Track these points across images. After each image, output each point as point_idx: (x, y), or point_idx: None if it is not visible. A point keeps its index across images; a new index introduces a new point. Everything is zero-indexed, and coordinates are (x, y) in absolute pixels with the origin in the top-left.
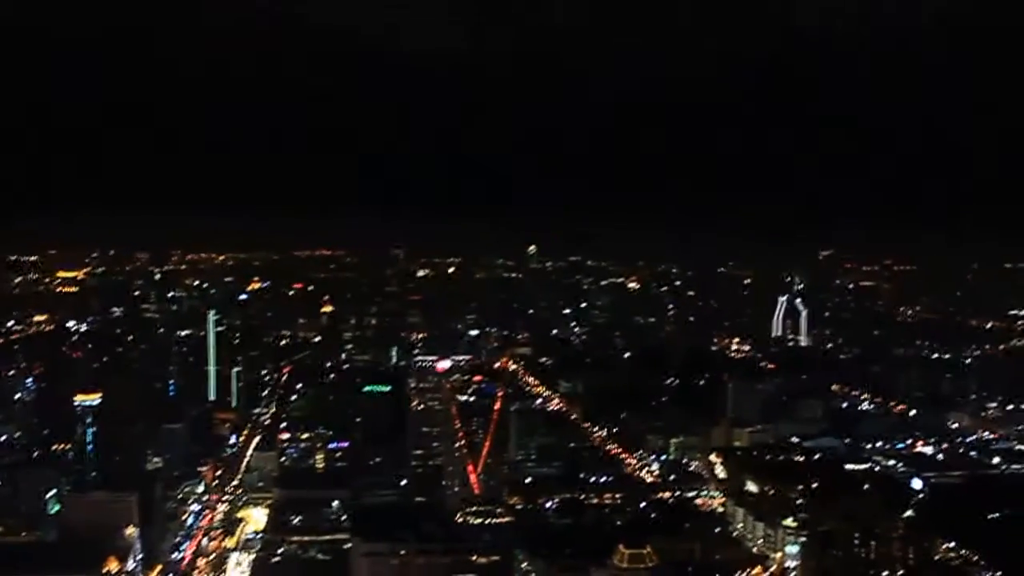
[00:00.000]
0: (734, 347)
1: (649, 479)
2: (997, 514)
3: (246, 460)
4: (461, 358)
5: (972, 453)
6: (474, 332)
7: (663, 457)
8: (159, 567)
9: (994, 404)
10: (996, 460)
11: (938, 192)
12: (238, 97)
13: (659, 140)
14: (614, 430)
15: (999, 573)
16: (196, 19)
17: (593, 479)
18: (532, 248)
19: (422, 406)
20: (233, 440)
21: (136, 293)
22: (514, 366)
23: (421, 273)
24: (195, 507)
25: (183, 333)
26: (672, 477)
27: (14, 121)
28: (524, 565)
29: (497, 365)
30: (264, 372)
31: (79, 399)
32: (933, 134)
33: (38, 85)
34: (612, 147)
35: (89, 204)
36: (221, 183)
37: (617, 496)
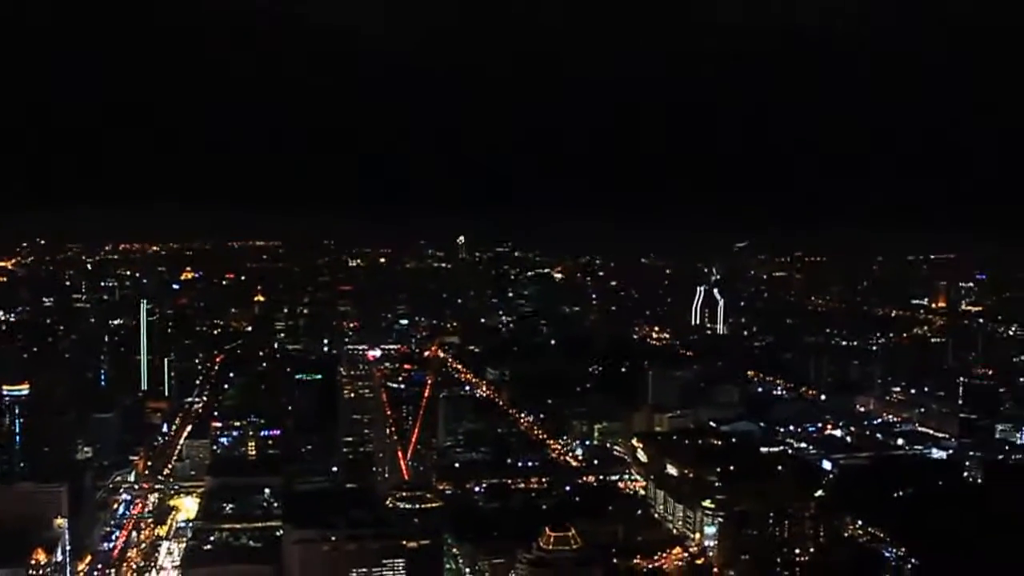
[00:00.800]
0: (655, 335)
1: (574, 463)
2: (901, 493)
3: (178, 449)
4: (392, 347)
5: (878, 435)
6: (404, 321)
7: (587, 442)
8: (89, 557)
9: (898, 389)
10: (900, 442)
11: (845, 189)
12: (177, 90)
13: (585, 135)
14: (540, 416)
15: (903, 548)
16: None
17: (520, 464)
18: (461, 239)
19: (353, 394)
20: (165, 429)
21: (67, 283)
22: (443, 354)
23: (352, 263)
24: (126, 496)
25: (115, 323)
26: (596, 461)
27: None
28: (453, 549)
29: (427, 353)
30: (197, 361)
31: (7, 389)
32: (841, 133)
33: None
34: (536, 143)
35: (20, 196)
36: (153, 175)
37: (543, 480)
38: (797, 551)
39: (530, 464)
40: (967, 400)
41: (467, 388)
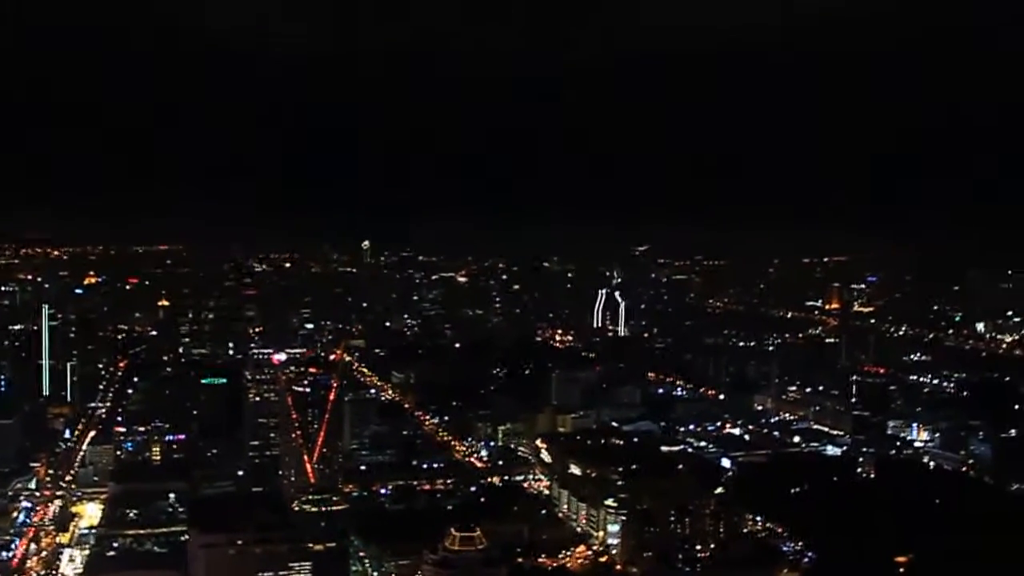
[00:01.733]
0: (557, 338)
1: (479, 465)
2: (797, 488)
3: (81, 455)
4: (297, 351)
5: (775, 433)
6: (309, 325)
7: (491, 443)
8: None
9: (794, 388)
10: (796, 439)
11: (742, 193)
12: (73, 94)
13: (484, 137)
14: (445, 418)
15: (800, 542)
16: None
17: (425, 466)
18: (366, 243)
19: (259, 398)
20: (68, 435)
21: None
22: (348, 358)
23: (257, 268)
24: (26, 504)
25: (16, 327)
26: (500, 462)
27: None
28: (359, 551)
29: (332, 357)
30: (100, 366)
31: None
32: (736, 137)
33: None
34: (440, 145)
35: None
36: (58, 178)
37: (448, 481)
38: (698, 547)
39: (435, 466)
40: (859, 398)
41: (372, 391)
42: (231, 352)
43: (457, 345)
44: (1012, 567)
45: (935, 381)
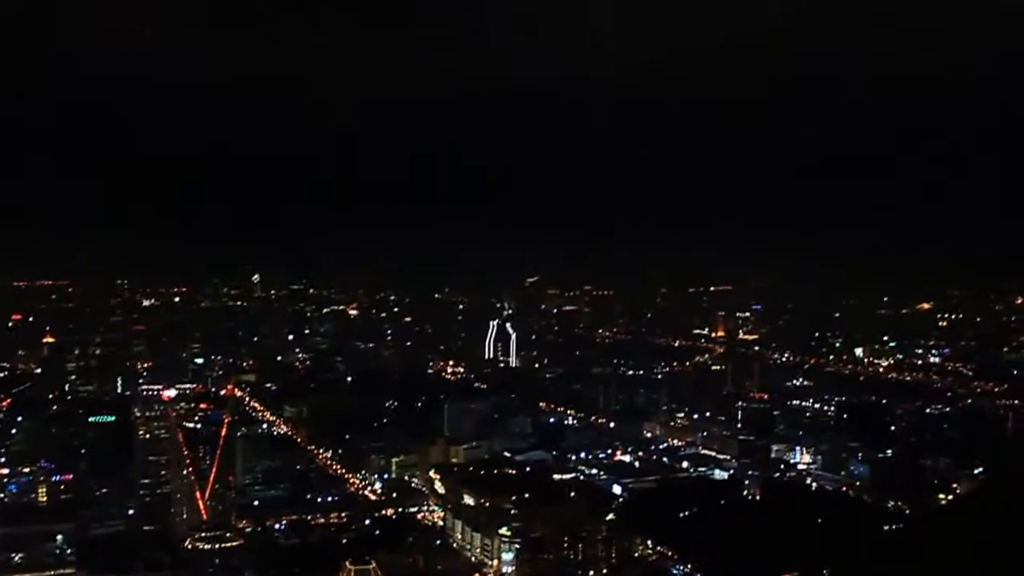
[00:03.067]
0: (449, 369)
1: (372, 497)
2: (686, 512)
3: None
4: (187, 386)
5: (664, 459)
6: (199, 360)
7: (385, 475)
8: None
9: (682, 414)
10: (685, 464)
11: (628, 225)
12: None
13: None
14: (338, 451)
15: (689, 565)
16: None
17: (319, 499)
18: (256, 277)
19: (148, 435)
20: None
21: None
22: (240, 392)
23: (146, 302)
24: None
25: None
26: (394, 494)
27: None
28: None
29: (223, 392)
30: None
31: None
32: (623, 170)
33: None
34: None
35: None
36: None
37: (342, 515)
38: (591, 572)
39: (329, 499)
40: (745, 423)
41: (265, 426)
42: (119, 389)
43: (349, 378)
44: None
45: (816, 405)
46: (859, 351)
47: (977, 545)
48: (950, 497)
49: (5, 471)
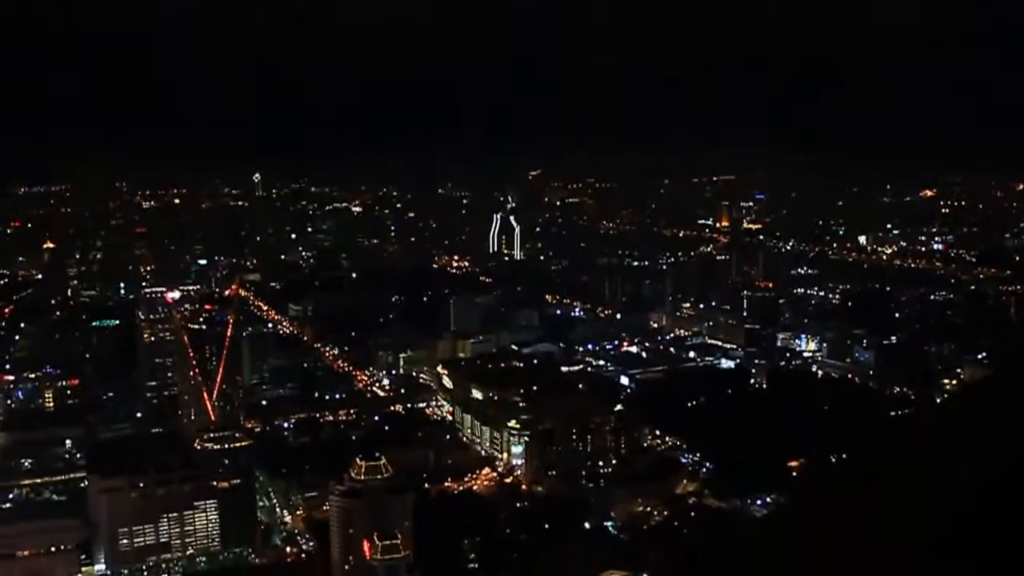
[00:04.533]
0: (454, 264)
1: (381, 394)
2: (694, 402)
3: None
4: (191, 288)
5: (671, 349)
6: (203, 261)
7: (393, 372)
8: None
9: (688, 304)
10: (691, 354)
11: (631, 116)
12: None
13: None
14: (345, 349)
15: (699, 454)
16: None
17: (327, 397)
18: (257, 176)
19: (153, 338)
20: None
21: None
22: (244, 293)
23: (146, 204)
24: None
25: None
26: (402, 390)
27: None
28: (266, 486)
29: (227, 293)
30: None
31: None
32: (627, 63)
33: None
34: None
35: None
36: None
37: (351, 412)
38: (601, 463)
39: (338, 397)
40: (750, 312)
41: (270, 325)
42: (122, 292)
43: (354, 275)
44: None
45: (821, 293)
46: (863, 239)
47: (983, 431)
48: (954, 383)
49: (11, 378)
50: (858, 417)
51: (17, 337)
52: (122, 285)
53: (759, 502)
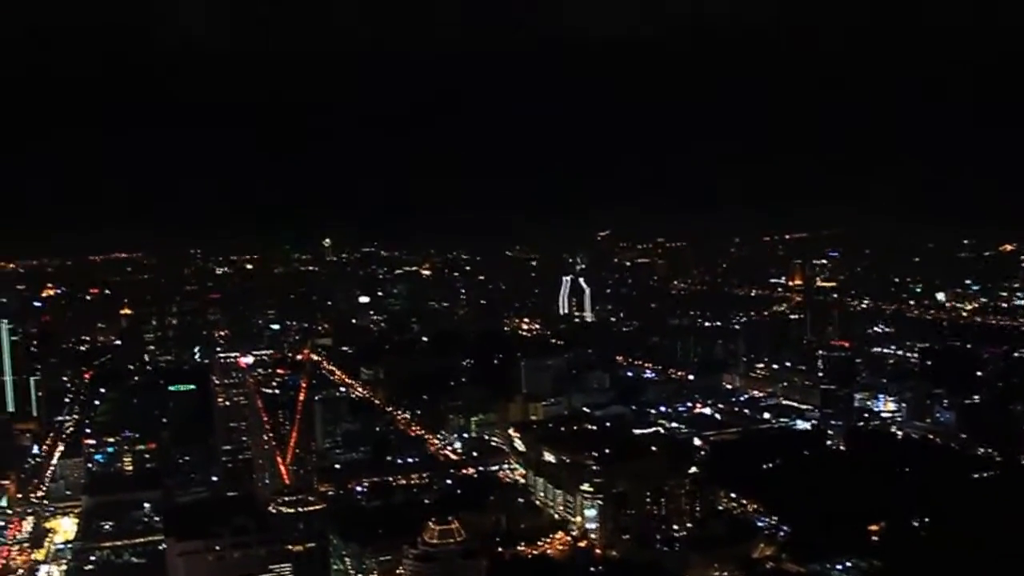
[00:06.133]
0: (524, 326)
1: (453, 457)
2: (770, 464)
3: (51, 469)
4: (264, 352)
5: (745, 411)
6: (275, 326)
7: (465, 435)
8: None
9: (761, 365)
10: (766, 415)
11: (700, 177)
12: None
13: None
14: (417, 412)
15: (775, 516)
16: None
17: (400, 461)
18: (327, 241)
19: (228, 402)
20: (36, 450)
21: None
22: (316, 357)
23: (219, 271)
24: None
25: None
26: (474, 453)
27: None
28: (340, 550)
29: (300, 357)
30: (65, 379)
31: None
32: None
33: None
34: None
35: None
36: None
37: (423, 475)
38: (675, 526)
39: (410, 460)
40: (826, 372)
41: (342, 389)
42: (197, 357)
43: (425, 338)
44: (982, 531)
45: (899, 352)
46: (941, 296)
47: None
48: None
49: (91, 442)
50: (940, 478)
51: (97, 402)
52: (197, 350)
53: (839, 566)
